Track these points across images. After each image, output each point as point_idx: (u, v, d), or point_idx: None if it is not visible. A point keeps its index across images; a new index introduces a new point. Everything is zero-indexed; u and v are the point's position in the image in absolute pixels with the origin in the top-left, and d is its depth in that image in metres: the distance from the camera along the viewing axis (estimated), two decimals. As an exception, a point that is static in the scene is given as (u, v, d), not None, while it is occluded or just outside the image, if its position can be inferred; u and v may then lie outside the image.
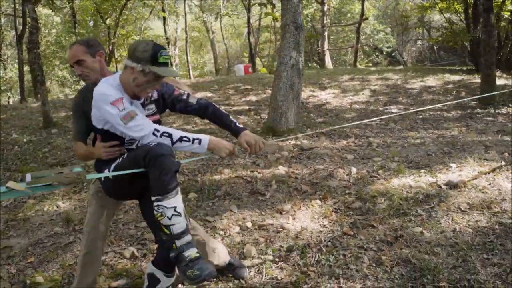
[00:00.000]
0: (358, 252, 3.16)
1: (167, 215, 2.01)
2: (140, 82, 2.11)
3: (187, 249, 2.05)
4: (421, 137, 6.21)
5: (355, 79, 12.10)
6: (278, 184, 4.50)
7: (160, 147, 2.02)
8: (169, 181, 2.01)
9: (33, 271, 3.28)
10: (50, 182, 1.89)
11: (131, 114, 2.06)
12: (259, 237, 3.48)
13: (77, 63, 2.43)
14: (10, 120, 9.50)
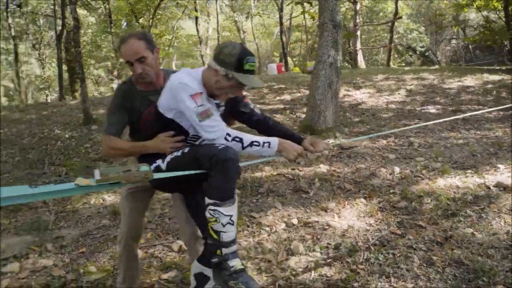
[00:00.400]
0: (407, 252, 3.13)
1: (221, 222, 1.92)
2: (222, 86, 2.04)
3: (232, 259, 1.95)
4: (464, 138, 6.08)
5: (390, 78, 11.94)
6: (321, 182, 4.50)
7: (228, 151, 1.91)
8: (230, 188, 1.94)
9: (85, 261, 3.39)
10: (119, 180, 1.93)
11: (208, 112, 1.98)
12: (305, 234, 3.49)
13: (139, 60, 2.19)
14: (52, 116, 9.81)
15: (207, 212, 1.96)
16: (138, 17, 16.15)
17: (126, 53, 2.21)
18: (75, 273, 3.21)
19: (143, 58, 2.21)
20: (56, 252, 3.56)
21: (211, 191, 1.94)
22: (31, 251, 3.60)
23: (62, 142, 7.53)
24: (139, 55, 2.20)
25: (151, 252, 3.44)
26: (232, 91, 2.09)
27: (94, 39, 17.99)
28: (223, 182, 1.91)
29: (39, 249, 3.62)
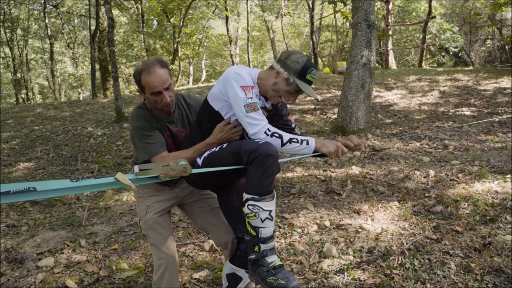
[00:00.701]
0: (443, 258, 3.03)
1: (260, 217, 1.91)
2: (279, 88, 2.10)
3: (270, 255, 1.94)
4: (502, 141, 5.87)
5: (422, 79, 11.68)
6: (353, 184, 4.43)
7: (268, 147, 1.91)
8: (270, 184, 1.92)
9: (117, 258, 3.43)
10: (157, 174, 1.93)
11: (255, 106, 2.00)
12: (338, 237, 3.43)
13: (167, 88, 2.18)
14: (84, 114, 10.04)
15: (245, 208, 1.95)
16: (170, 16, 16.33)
17: (155, 83, 2.15)
18: (108, 269, 3.25)
19: (171, 85, 2.22)
20: (89, 248, 3.62)
21: (250, 186, 1.94)
22: (66, 246, 3.68)
23: (95, 140, 7.69)
24: (169, 83, 2.20)
25: (183, 251, 3.45)
26: (286, 95, 2.13)
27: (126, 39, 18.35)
28: (262, 177, 1.90)
29: (73, 245, 3.69)
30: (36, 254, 3.61)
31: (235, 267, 2.32)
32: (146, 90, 2.18)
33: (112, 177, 1.89)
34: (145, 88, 2.19)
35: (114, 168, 6.10)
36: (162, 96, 2.17)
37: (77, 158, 6.88)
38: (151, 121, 2.23)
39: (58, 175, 6.19)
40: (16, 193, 1.72)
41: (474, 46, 24.00)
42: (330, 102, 9.38)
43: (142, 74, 2.18)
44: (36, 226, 4.25)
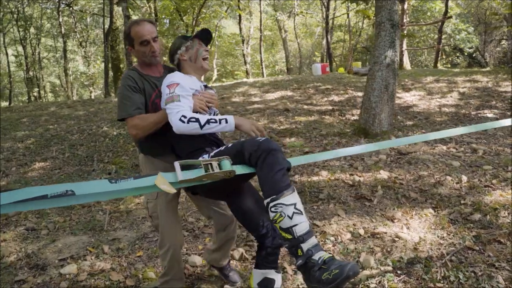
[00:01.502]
0: (489, 271, 2.87)
1: (287, 214, 1.76)
2: (194, 55, 2.42)
3: (316, 252, 1.74)
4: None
5: (440, 80, 11.45)
6: (384, 189, 4.26)
7: (270, 143, 1.86)
8: (282, 178, 1.80)
9: (143, 266, 3.30)
10: (201, 180, 1.81)
11: (172, 98, 2.15)
12: (374, 246, 3.27)
13: (154, 39, 2.38)
14: (98, 113, 9.94)
15: (270, 213, 1.82)
16: (183, 15, 16.23)
17: (143, 32, 2.35)
18: (134, 278, 3.12)
19: (157, 38, 2.42)
20: (112, 255, 3.49)
21: (265, 190, 1.83)
22: (88, 253, 3.56)
23: (111, 140, 7.58)
24: (155, 34, 2.41)
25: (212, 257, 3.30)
26: (202, 53, 2.41)
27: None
28: (271, 174, 1.80)
29: (96, 251, 3.57)
30: (58, 260, 3.49)
31: (264, 270, 2.18)
32: (135, 41, 2.36)
33: (153, 179, 1.77)
34: (134, 40, 2.36)
35: (132, 170, 5.98)
36: (150, 46, 2.35)
37: (93, 159, 6.78)
38: (139, 82, 2.34)
39: (75, 176, 6.09)
40: (54, 197, 1.60)
41: (489, 46, 23.66)
42: (347, 103, 9.20)
43: (132, 27, 2.39)
44: (56, 230, 4.14)
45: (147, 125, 2.27)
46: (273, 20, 25.85)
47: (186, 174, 1.80)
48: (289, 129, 7.16)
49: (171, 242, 2.48)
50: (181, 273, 2.64)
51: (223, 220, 2.68)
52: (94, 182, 1.68)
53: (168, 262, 2.52)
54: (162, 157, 2.45)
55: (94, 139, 7.70)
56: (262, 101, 9.78)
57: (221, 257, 2.89)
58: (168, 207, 2.47)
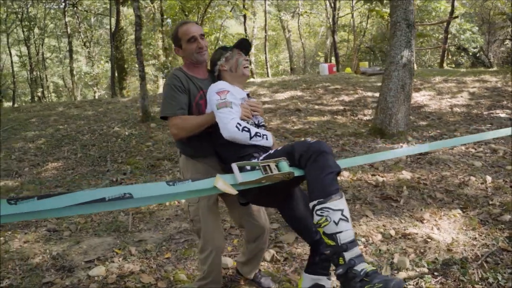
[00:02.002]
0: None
1: (333, 220, 1.69)
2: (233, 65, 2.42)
3: (359, 263, 1.67)
4: (553, 145, 5.65)
5: (449, 80, 11.43)
6: (409, 190, 4.23)
7: (321, 144, 1.81)
8: (331, 182, 1.74)
9: (173, 268, 3.26)
10: (261, 182, 1.77)
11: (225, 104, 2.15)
12: (406, 247, 3.24)
13: (201, 36, 2.39)
14: (108, 113, 9.90)
15: (315, 216, 1.75)
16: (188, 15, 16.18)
17: (190, 29, 2.36)
18: (166, 281, 3.08)
19: (203, 36, 2.42)
20: (140, 257, 3.45)
21: (312, 191, 1.77)
22: (115, 254, 3.52)
23: (123, 140, 7.54)
24: (202, 32, 2.41)
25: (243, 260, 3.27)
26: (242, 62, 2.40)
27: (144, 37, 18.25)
28: (321, 176, 1.75)
29: (123, 253, 3.53)
30: (85, 262, 3.45)
31: (316, 276, 2.13)
32: (183, 40, 2.36)
33: (211, 181, 1.73)
34: (181, 39, 2.37)
35: (148, 170, 5.94)
36: (197, 42, 2.34)
37: (107, 159, 6.74)
38: (184, 82, 2.33)
39: (89, 176, 6.05)
40: (112, 200, 1.57)
41: (492, 46, 23.63)
42: (358, 103, 9.17)
43: (179, 27, 2.40)
44: (79, 231, 4.10)
45: (189, 127, 2.26)
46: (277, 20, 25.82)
47: (246, 176, 1.76)
48: (303, 129, 7.12)
49: (213, 246, 2.44)
50: (219, 277, 2.60)
51: (255, 230, 2.63)
52: (152, 184, 1.64)
53: (209, 266, 2.47)
54: (204, 159, 2.42)
55: (106, 139, 7.67)
56: (273, 101, 9.75)
57: (251, 270, 2.86)
58: (210, 211, 2.43)
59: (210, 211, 2.43)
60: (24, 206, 1.48)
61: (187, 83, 2.35)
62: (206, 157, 2.40)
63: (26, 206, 1.48)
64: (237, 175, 1.76)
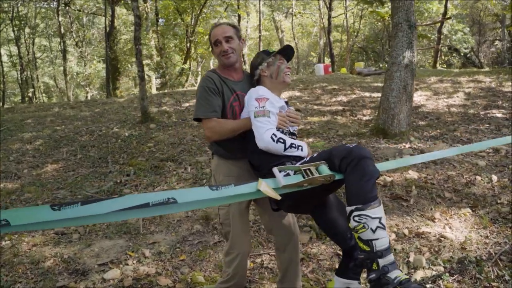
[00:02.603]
0: (541, 270, 2.89)
1: (370, 227, 1.71)
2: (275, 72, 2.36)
3: (392, 270, 1.69)
4: (553, 145, 5.73)
5: (444, 81, 11.55)
6: (418, 189, 4.27)
7: (361, 149, 1.80)
8: (371, 188, 1.75)
9: (189, 270, 3.25)
10: (302, 186, 1.78)
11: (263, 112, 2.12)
12: (421, 246, 3.28)
13: (226, 38, 2.35)
14: (105, 114, 9.83)
15: (351, 221, 1.76)
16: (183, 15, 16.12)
17: (216, 32, 2.37)
18: (184, 283, 3.07)
19: (230, 38, 2.36)
20: (155, 259, 3.44)
21: (351, 196, 1.77)
22: (128, 257, 3.50)
23: (123, 141, 7.50)
24: (227, 34, 2.36)
25: (259, 261, 3.28)
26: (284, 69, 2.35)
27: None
28: (361, 182, 1.74)
29: (136, 255, 3.51)
30: (98, 265, 3.43)
31: (348, 280, 2.15)
32: (212, 43, 2.40)
33: (254, 185, 1.74)
34: (211, 42, 2.40)
35: (152, 171, 5.90)
36: (221, 46, 2.33)
37: (107, 160, 6.69)
38: (218, 84, 2.33)
39: (91, 177, 5.99)
40: (156, 205, 1.57)
41: (483, 47, 23.93)
42: (356, 103, 9.23)
43: (211, 30, 2.43)
44: (88, 234, 4.07)
45: (223, 130, 2.28)
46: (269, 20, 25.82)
47: (288, 179, 1.77)
48: (304, 129, 7.14)
49: (240, 249, 2.44)
50: (243, 281, 2.58)
51: (284, 236, 2.55)
52: (196, 189, 1.64)
53: (234, 269, 2.46)
54: (237, 162, 2.41)
55: (106, 140, 7.61)
56: (271, 102, 9.75)
57: None
58: (240, 215, 2.42)
59: (241, 215, 2.42)
60: (68, 211, 1.48)
61: (221, 85, 2.34)
62: (239, 160, 2.39)
63: (70, 211, 1.48)
64: (279, 178, 1.77)
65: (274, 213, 2.48)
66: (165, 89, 15.77)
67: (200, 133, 7.57)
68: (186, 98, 11.36)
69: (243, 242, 2.45)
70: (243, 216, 2.44)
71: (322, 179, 1.78)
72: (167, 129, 7.92)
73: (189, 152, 6.56)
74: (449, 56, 22.90)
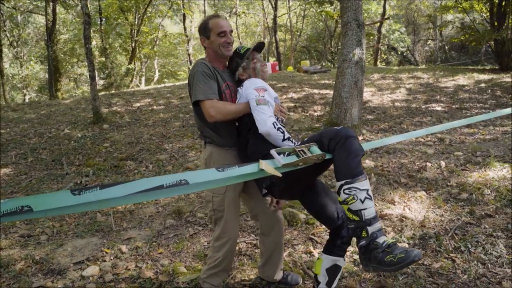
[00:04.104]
0: (490, 240, 3.25)
1: (359, 198, 1.88)
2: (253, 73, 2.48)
3: (380, 236, 1.88)
4: (489, 133, 6.32)
5: (386, 77, 12.22)
6: (376, 177, 4.58)
7: (347, 130, 1.98)
8: (358, 164, 1.92)
9: (169, 262, 3.31)
10: (298, 165, 1.93)
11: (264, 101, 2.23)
12: (385, 227, 3.55)
13: (231, 32, 2.48)
14: (52, 115, 9.48)
15: (342, 194, 1.93)
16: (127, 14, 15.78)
17: (222, 24, 2.45)
18: (165, 274, 3.13)
19: (232, 33, 2.52)
20: (133, 254, 3.46)
21: (340, 172, 1.95)
22: (105, 254, 3.49)
23: (76, 142, 7.30)
24: (231, 28, 2.50)
25: (237, 250, 3.40)
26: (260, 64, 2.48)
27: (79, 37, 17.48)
28: (349, 159, 1.91)
29: (113, 252, 3.52)
30: (73, 263, 3.40)
31: (335, 257, 2.34)
32: (213, 32, 2.44)
33: (255, 165, 1.87)
34: (212, 30, 2.44)
35: (112, 171, 5.83)
36: (227, 37, 2.43)
37: (62, 162, 6.50)
38: (212, 70, 2.42)
39: (46, 180, 5.81)
40: (170, 187, 1.66)
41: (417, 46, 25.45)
42: (307, 100, 9.56)
43: (211, 19, 2.48)
44: (57, 234, 3.99)
45: (227, 111, 2.35)
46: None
47: (286, 159, 1.91)
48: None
49: (231, 234, 2.55)
50: (230, 266, 2.70)
51: (269, 221, 2.70)
52: (204, 171, 1.75)
53: (224, 254, 2.57)
54: (229, 149, 2.51)
55: (58, 142, 7.37)
56: (224, 100, 9.85)
57: (274, 271, 2.85)
58: (234, 202, 2.53)
59: (235, 202, 2.54)
60: (88, 195, 1.53)
61: (214, 72, 2.44)
62: (231, 148, 2.50)
63: (91, 195, 1.53)
64: (277, 159, 1.91)
65: (260, 199, 2.64)
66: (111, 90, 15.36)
67: (156, 131, 7.54)
68: (136, 98, 11.19)
69: (235, 228, 2.57)
70: (236, 203, 2.56)
71: (315, 158, 1.94)
72: (122, 129, 7.80)
73: (148, 150, 6.54)
74: (388, 54, 24.16)
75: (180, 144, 6.73)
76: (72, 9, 20.60)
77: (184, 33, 18.78)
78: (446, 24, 16.82)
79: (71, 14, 20.74)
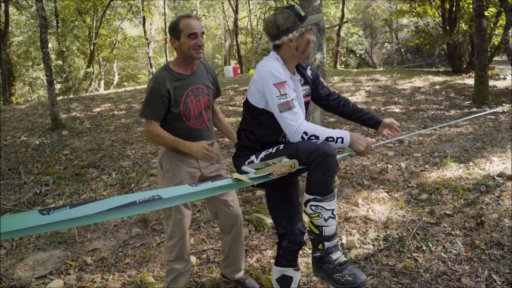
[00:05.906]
0: (449, 238, 3.40)
1: (323, 217, 1.95)
2: (303, 47, 2.06)
3: (335, 251, 1.99)
4: (445, 135, 6.59)
5: (346, 80, 12.51)
6: (340, 179, 4.69)
7: (328, 146, 1.91)
8: (330, 183, 1.96)
9: (137, 272, 3.26)
10: (270, 172, 1.95)
11: (289, 104, 1.98)
12: (350, 229, 3.64)
13: (201, 34, 2.40)
14: (7, 122, 9.10)
15: (308, 208, 1.98)
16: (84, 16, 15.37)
17: (194, 25, 2.35)
18: (133, 285, 3.08)
19: (204, 33, 2.46)
20: (98, 265, 3.39)
21: (312, 187, 1.96)
22: (69, 266, 3.40)
23: (34, 150, 7.05)
24: (203, 30, 2.45)
25: (205, 257, 3.39)
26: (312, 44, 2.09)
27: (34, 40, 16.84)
28: (324, 177, 1.92)
29: (77, 264, 3.43)
30: (35, 278, 3.29)
31: (282, 268, 2.34)
32: (183, 33, 2.34)
33: (229, 179, 1.89)
34: (182, 31, 2.34)
35: (73, 179, 5.67)
36: (198, 39, 2.36)
37: (19, 171, 6.25)
38: (168, 85, 2.36)
39: (3, 190, 5.58)
40: (143, 203, 1.65)
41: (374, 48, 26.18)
42: (270, 103, 9.63)
43: (181, 19, 2.38)
44: (17, 248, 3.84)
45: (159, 141, 2.45)
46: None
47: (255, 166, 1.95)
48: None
49: (180, 233, 2.56)
50: (189, 266, 2.70)
51: (229, 219, 2.71)
52: (178, 187, 1.76)
53: (176, 254, 2.59)
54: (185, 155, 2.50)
55: (14, 150, 7.09)
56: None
57: (233, 269, 2.89)
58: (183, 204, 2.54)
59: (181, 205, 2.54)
60: (58, 215, 1.50)
61: (171, 85, 2.37)
62: None
63: (61, 214, 1.50)
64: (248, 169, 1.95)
65: (221, 197, 2.65)
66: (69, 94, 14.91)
67: (118, 137, 7.39)
68: (96, 103, 10.92)
69: (184, 225, 2.57)
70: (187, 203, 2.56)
71: (285, 168, 1.95)
72: (82, 136, 7.60)
73: (110, 157, 6.40)
74: (347, 57, 24.73)
75: (143, 150, 6.63)
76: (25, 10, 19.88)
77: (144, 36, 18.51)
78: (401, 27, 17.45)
79: (24, 15, 20.01)
